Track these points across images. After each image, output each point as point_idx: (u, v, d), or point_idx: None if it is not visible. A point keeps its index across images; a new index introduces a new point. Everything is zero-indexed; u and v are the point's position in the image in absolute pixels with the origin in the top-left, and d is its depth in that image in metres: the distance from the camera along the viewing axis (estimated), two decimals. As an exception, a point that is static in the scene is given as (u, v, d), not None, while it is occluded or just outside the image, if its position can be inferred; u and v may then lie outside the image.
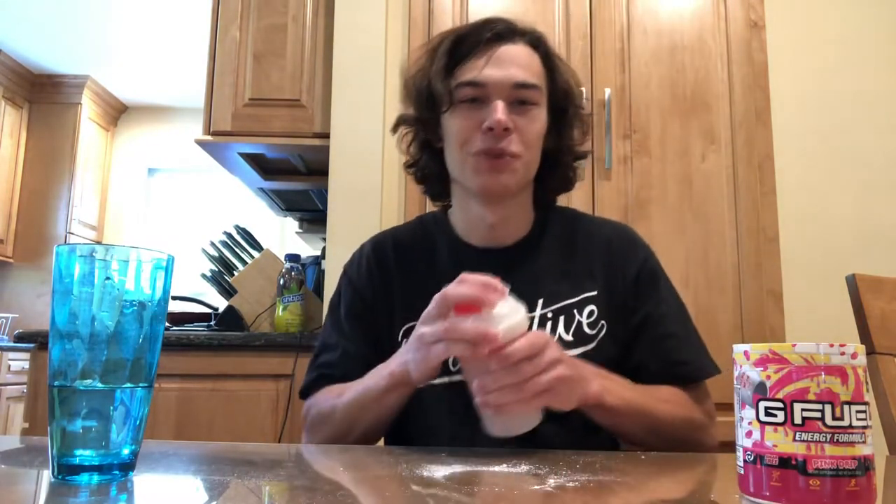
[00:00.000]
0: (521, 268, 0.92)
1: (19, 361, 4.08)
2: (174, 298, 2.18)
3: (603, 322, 0.90)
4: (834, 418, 0.44)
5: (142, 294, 0.53)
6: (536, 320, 0.88)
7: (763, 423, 0.46)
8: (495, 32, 0.89)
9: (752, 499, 0.46)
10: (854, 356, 0.45)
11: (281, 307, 1.99)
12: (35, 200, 4.78)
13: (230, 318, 2.03)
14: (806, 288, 1.94)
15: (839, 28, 2.13)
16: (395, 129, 1.01)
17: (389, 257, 0.97)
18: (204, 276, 2.27)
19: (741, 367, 0.48)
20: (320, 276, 2.13)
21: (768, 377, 0.46)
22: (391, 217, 1.94)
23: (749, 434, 0.46)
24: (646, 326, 0.90)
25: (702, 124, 1.95)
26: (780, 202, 1.93)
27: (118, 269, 0.52)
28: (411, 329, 0.85)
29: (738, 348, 0.49)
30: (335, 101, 1.98)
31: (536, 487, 0.52)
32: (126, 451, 0.51)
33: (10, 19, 4.13)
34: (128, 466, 0.52)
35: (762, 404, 0.46)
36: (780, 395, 0.45)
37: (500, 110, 0.85)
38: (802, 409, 0.44)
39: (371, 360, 0.87)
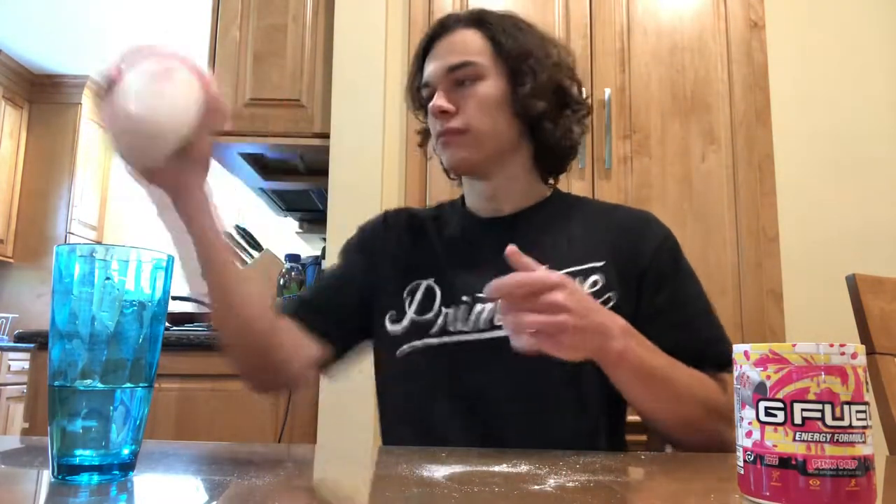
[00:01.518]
0: (523, 235, 0.93)
1: (19, 361, 4.08)
2: (174, 298, 2.17)
3: (610, 295, 0.88)
4: (834, 418, 0.44)
5: (142, 294, 0.53)
6: None
7: (763, 423, 0.46)
8: (437, 28, 0.97)
9: (752, 499, 0.46)
10: (854, 356, 0.45)
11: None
12: (35, 200, 4.77)
13: (230, 318, 2.03)
14: (806, 288, 1.94)
15: (839, 28, 2.13)
16: (422, 140, 1.09)
17: (402, 223, 1.04)
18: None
19: (741, 367, 0.48)
20: (320, 276, 2.13)
21: (768, 377, 0.46)
22: (391, 217, 1.94)
23: (749, 434, 0.47)
24: (672, 307, 0.89)
25: (702, 124, 1.95)
26: (780, 202, 1.93)
27: (118, 269, 0.52)
28: (417, 287, 0.94)
29: (738, 348, 0.49)
30: (335, 101, 1.98)
31: (536, 487, 0.52)
32: (126, 451, 0.51)
33: (10, 19, 4.13)
34: (128, 466, 0.52)
35: (762, 404, 0.46)
36: (780, 395, 0.45)
37: (436, 97, 0.93)
38: (802, 409, 0.44)
39: (353, 295, 0.96)
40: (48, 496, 0.49)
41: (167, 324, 2.01)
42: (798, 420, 0.44)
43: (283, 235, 3.42)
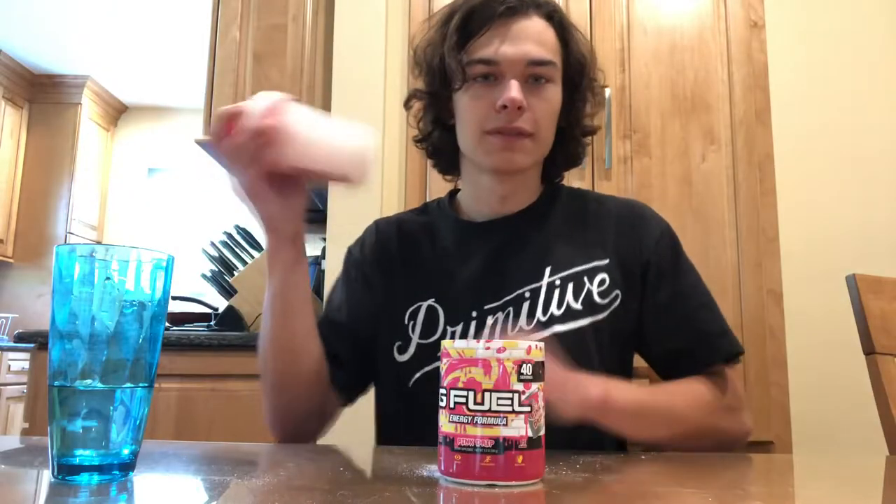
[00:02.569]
0: (527, 235, 0.91)
1: (19, 361, 4.07)
2: (174, 298, 2.18)
3: (617, 292, 0.87)
4: (475, 403, 0.51)
5: (142, 294, 0.53)
6: (544, 288, 0.86)
7: (439, 408, 0.54)
8: (508, 6, 0.86)
9: (437, 473, 0.54)
10: (500, 350, 0.51)
11: (281, 307, 1.99)
12: (35, 200, 4.77)
13: (230, 318, 2.03)
14: (806, 288, 1.94)
15: (839, 28, 2.13)
16: (407, 103, 0.99)
17: (393, 243, 0.97)
18: (204, 276, 2.27)
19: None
20: (320, 276, 2.13)
21: (442, 368, 0.54)
22: (391, 217, 1.94)
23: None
24: (674, 302, 0.88)
25: (702, 124, 1.95)
26: (780, 202, 1.92)
27: (118, 269, 0.52)
28: (417, 310, 0.88)
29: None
30: (335, 101, 1.98)
31: (536, 487, 0.52)
32: (126, 451, 0.51)
33: (10, 19, 4.13)
34: (128, 466, 0.52)
35: (439, 391, 0.54)
36: (445, 384, 0.53)
37: (514, 89, 0.83)
38: (455, 395, 0.52)
39: (356, 331, 0.91)
40: (48, 496, 0.49)
41: (167, 324, 2.01)
42: (452, 405, 0.52)
43: (283, 235, 3.43)
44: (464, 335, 0.85)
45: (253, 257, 2.23)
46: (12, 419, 4.01)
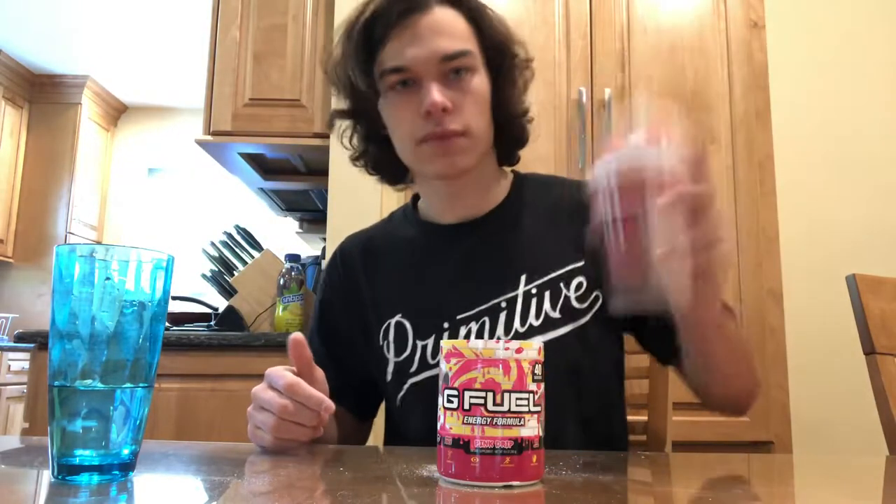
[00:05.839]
0: (499, 239, 0.87)
1: (19, 361, 4.07)
2: (174, 298, 2.18)
3: (597, 293, 0.83)
4: (494, 404, 0.50)
5: (142, 294, 0.53)
6: (521, 298, 0.83)
7: (445, 409, 0.52)
8: (406, 6, 0.81)
9: (442, 476, 0.52)
10: (519, 351, 0.51)
11: (281, 307, 1.99)
12: (35, 200, 4.77)
13: (230, 318, 2.03)
14: (806, 288, 1.94)
15: (839, 28, 2.13)
16: (330, 124, 0.94)
17: (358, 266, 0.93)
18: (204, 276, 2.27)
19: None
20: (320, 276, 2.13)
21: (451, 369, 0.52)
22: (391, 217, 1.94)
23: (439, 419, 0.53)
24: None
25: (702, 124, 1.95)
26: (780, 202, 1.92)
27: (118, 269, 0.52)
28: (388, 329, 0.86)
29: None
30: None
31: (536, 487, 0.52)
32: (126, 452, 0.51)
33: (10, 19, 4.13)
34: (128, 466, 0.52)
35: (446, 392, 0.52)
36: (456, 385, 0.52)
37: (434, 91, 0.78)
38: (470, 396, 0.51)
39: (334, 370, 0.83)
40: (48, 496, 0.49)
41: (167, 324, 2.01)
42: (467, 406, 0.51)
43: (283, 235, 3.42)
44: (436, 349, 0.82)
45: (253, 257, 2.23)
46: (12, 419, 4.01)
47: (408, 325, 0.85)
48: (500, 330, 0.82)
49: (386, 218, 1.02)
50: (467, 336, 0.82)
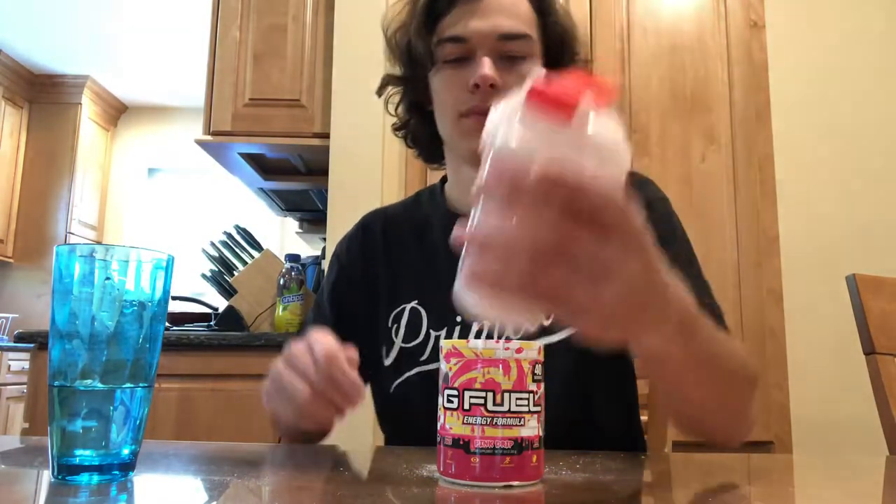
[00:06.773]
0: None
1: (19, 361, 4.07)
2: (174, 298, 2.18)
3: None
4: (494, 404, 0.50)
5: (142, 294, 0.53)
6: None
7: (445, 409, 0.52)
8: None
9: (442, 476, 0.52)
10: (519, 351, 0.51)
11: (281, 307, 1.99)
12: (35, 200, 4.77)
13: (230, 318, 2.03)
14: (806, 288, 1.94)
15: (839, 28, 2.13)
16: (380, 90, 0.93)
17: (378, 244, 0.92)
18: (204, 276, 2.27)
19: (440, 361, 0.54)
20: (320, 276, 2.13)
21: (450, 369, 0.52)
22: (391, 217, 1.94)
23: (439, 419, 0.53)
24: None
25: (702, 124, 1.95)
26: (780, 202, 1.93)
27: (118, 269, 0.52)
28: (401, 313, 0.85)
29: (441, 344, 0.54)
30: (335, 101, 1.98)
31: (536, 487, 0.52)
32: (126, 451, 0.51)
33: (10, 19, 4.13)
34: (128, 466, 0.52)
35: (446, 392, 0.52)
36: (456, 385, 0.51)
37: (486, 66, 0.77)
38: (470, 396, 0.50)
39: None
40: (48, 496, 0.49)
41: (167, 324, 2.01)
42: (467, 406, 0.51)
43: (283, 235, 3.42)
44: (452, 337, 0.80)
45: (253, 257, 2.23)
46: (12, 419, 4.01)
47: (423, 312, 0.84)
48: (509, 329, 0.80)
49: (412, 196, 1.00)
50: (479, 331, 0.81)
